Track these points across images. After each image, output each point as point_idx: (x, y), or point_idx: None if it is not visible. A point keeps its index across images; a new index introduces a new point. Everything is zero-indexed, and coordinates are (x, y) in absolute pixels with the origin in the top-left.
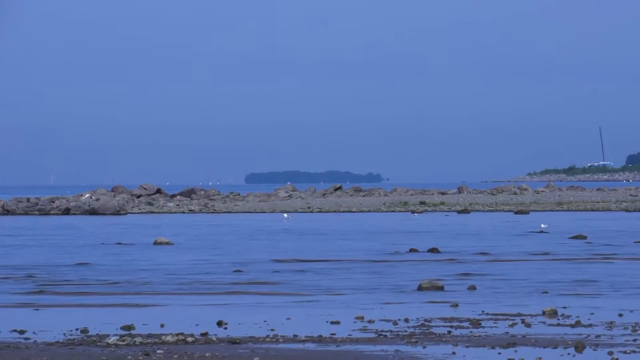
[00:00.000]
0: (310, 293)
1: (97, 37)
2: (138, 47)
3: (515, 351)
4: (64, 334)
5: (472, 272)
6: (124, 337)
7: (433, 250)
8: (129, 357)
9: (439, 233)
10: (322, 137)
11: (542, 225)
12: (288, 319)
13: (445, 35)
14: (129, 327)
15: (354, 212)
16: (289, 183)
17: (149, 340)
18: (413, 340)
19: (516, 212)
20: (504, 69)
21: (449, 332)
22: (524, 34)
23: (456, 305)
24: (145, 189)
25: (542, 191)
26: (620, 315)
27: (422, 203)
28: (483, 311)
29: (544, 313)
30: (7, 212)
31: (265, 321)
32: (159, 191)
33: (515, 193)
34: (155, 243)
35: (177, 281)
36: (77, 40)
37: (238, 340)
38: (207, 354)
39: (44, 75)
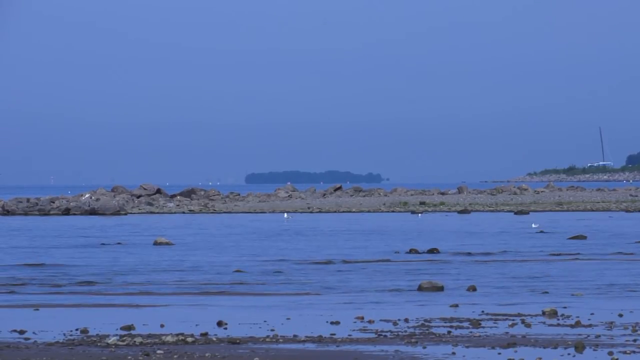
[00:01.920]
0: (310, 293)
1: (97, 38)
2: (138, 47)
3: (515, 351)
4: (64, 334)
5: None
6: (124, 337)
7: (433, 250)
8: (129, 357)
9: (439, 233)
10: (322, 137)
11: (533, 225)
12: (288, 319)
13: (445, 35)
14: (129, 327)
15: (354, 212)
16: (289, 183)
17: (149, 341)
18: (413, 340)
19: (516, 213)
20: (504, 69)
21: (449, 332)
22: (524, 34)
23: (456, 306)
24: (145, 189)
25: (542, 191)
26: (621, 315)
27: (422, 203)
28: (483, 311)
29: (544, 313)
30: (7, 212)
31: (265, 321)
32: (159, 191)
33: (515, 193)
34: (156, 243)
35: (177, 281)
36: (77, 41)
37: (238, 341)
38: (207, 354)
39: (44, 76)
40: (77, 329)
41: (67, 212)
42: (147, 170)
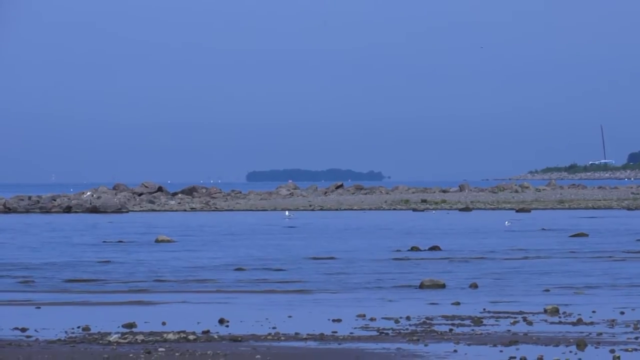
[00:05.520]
0: (312, 290)
1: (97, 38)
2: (138, 47)
3: (517, 349)
4: (66, 332)
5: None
6: (126, 335)
7: (434, 248)
8: (131, 354)
9: (441, 231)
10: (324, 135)
11: (507, 224)
12: (290, 316)
13: (447, 35)
14: (130, 325)
15: (355, 210)
16: (290, 181)
17: (150, 338)
18: (415, 338)
19: (517, 210)
20: (506, 68)
21: (451, 330)
22: (525, 35)
23: (458, 303)
24: (146, 187)
25: (543, 189)
26: (622, 313)
27: (423, 201)
28: (485, 309)
29: (545, 311)
30: (8, 210)
31: (267, 319)
32: (160, 189)
33: (516, 191)
34: (157, 241)
35: (178, 279)
36: (77, 42)
37: (240, 338)
38: (208, 352)
39: (45, 76)
40: (78, 327)
41: (68, 209)
42: (148, 168)
